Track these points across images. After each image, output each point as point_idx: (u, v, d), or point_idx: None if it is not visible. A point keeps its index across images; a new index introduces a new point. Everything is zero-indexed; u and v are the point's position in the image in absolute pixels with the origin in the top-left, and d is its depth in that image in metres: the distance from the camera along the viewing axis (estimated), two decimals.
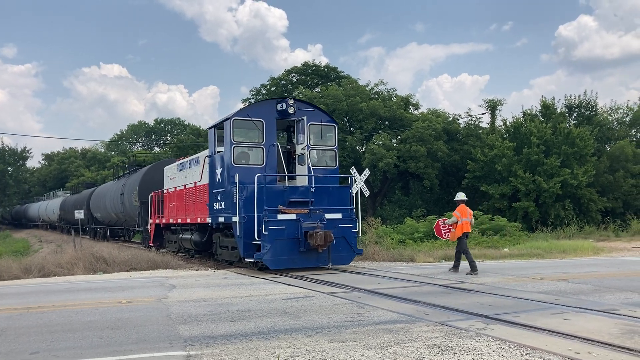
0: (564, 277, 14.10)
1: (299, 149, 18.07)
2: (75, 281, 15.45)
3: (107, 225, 39.42)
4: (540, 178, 36.21)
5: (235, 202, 16.58)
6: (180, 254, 23.97)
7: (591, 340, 7.11)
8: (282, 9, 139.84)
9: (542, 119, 41.16)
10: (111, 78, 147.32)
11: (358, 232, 17.20)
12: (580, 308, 9.44)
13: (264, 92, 52.87)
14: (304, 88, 50.16)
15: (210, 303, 10.64)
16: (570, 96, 44.98)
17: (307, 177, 17.50)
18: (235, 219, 16.44)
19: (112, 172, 46.01)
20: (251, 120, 17.32)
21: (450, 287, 12.43)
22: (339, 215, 16.91)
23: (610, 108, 47.56)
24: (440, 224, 18.78)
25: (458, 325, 8.13)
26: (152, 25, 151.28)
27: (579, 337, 7.25)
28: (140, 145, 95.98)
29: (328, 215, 16.62)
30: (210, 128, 18.83)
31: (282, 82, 53.19)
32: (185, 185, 21.56)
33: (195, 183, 20.22)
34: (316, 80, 53.66)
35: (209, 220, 18.62)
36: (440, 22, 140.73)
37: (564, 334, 7.45)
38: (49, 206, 60.78)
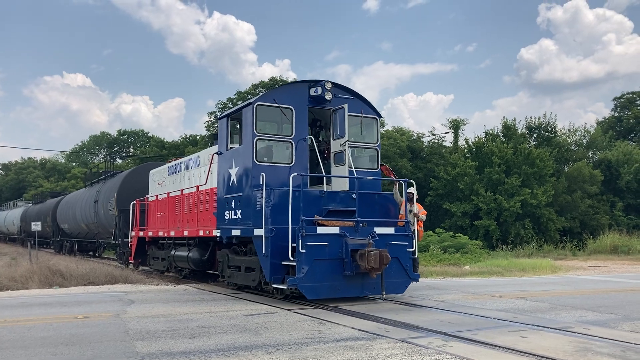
0: (522, 295, 14.17)
1: (335, 145, 13.91)
2: (30, 295, 14.44)
3: (75, 238, 34.35)
4: (501, 197, 37.05)
5: (260, 209, 12.38)
6: (169, 274, 19.43)
7: (546, 358, 7.12)
8: (250, 23, 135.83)
9: (504, 140, 42.51)
10: (74, 87, 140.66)
11: (414, 252, 13.07)
12: (537, 326, 9.47)
13: (230, 105, 52.48)
14: None
15: (170, 319, 10.26)
16: (531, 118, 46.27)
17: (348, 179, 13.40)
18: (259, 231, 12.22)
19: (85, 177, 40.83)
20: (278, 106, 13.14)
21: (411, 305, 12.09)
22: (391, 230, 12.82)
23: (569, 130, 49.22)
24: None
25: (418, 342, 8.08)
26: (117, 35, 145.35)
27: (535, 355, 7.27)
28: (102, 156, 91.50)
29: (378, 230, 12.48)
30: (222, 118, 14.57)
31: (249, 96, 51.62)
32: (182, 191, 17.17)
33: (198, 187, 15.86)
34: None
35: (216, 233, 14.32)
36: (406, 41, 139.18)
37: (520, 352, 7.45)
38: (7, 217, 54.88)
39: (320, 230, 12.00)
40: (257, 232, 12.46)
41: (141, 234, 20.28)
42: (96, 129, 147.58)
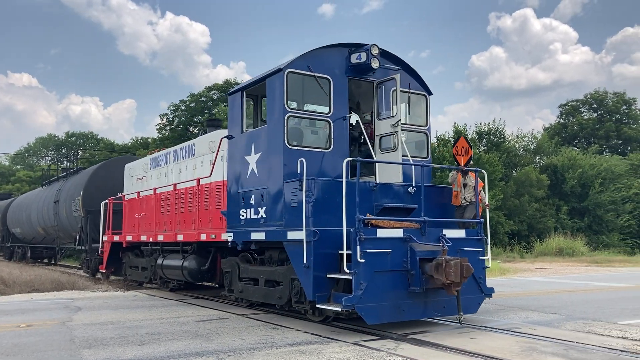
0: None
1: (382, 127, 10.80)
2: None
3: (28, 244, 30.04)
4: None
5: (296, 207, 9.27)
6: (151, 285, 15.91)
7: (494, 358, 7.08)
8: (204, 24, 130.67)
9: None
10: (19, 87, 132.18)
11: (487, 260, 10.07)
12: (485, 327, 9.36)
13: (183, 107, 50.80)
14: (224, 106, 46.22)
15: (118, 326, 9.74)
16: (481, 123, 45.50)
17: (401, 170, 10.33)
18: (297, 235, 9.11)
19: (42, 175, 36.27)
20: (314, 75, 9.98)
21: None
22: (461, 233, 9.81)
23: (517, 136, 48.97)
24: None
25: (370, 345, 7.92)
26: (66, 34, 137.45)
27: (483, 355, 7.22)
28: (50, 159, 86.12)
29: (448, 233, 9.46)
30: (234, 93, 11.30)
31: (202, 98, 50.68)
32: (175, 186, 13.71)
33: (199, 181, 12.49)
34: None
35: (226, 237, 11.04)
36: None
37: (469, 352, 7.38)
38: None
39: (381, 233, 8.89)
40: (292, 235, 9.29)
41: (116, 238, 16.68)
42: (43, 130, 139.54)
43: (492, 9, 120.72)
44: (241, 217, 10.76)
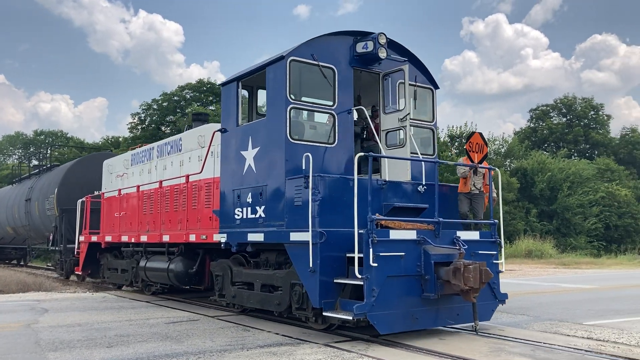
0: None
1: (388, 122, 9.98)
2: None
3: None
4: None
5: (301, 205, 8.39)
6: (131, 288, 14.83)
7: (463, 359, 7.03)
8: (178, 23, 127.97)
9: None
10: None
11: (501, 264, 9.32)
12: (454, 328, 9.13)
13: (155, 107, 49.47)
14: (197, 105, 46.99)
15: (86, 328, 9.40)
16: (453, 127, 45.43)
17: (410, 167, 9.51)
18: (301, 236, 8.23)
19: (9, 174, 34.54)
20: (318, 65, 9.11)
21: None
22: (475, 235, 9.03)
23: (488, 139, 48.33)
24: None
25: (341, 346, 7.74)
26: (35, 30, 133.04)
27: (452, 356, 7.15)
28: (17, 157, 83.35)
29: (463, 235, 8.68)
30: (228, 83, 10.33)
31: (175, 97, 49.57)
32: (160, 183, 12.68)
33: (188, 178, 11.48)
34: (211, 98, 49.31)
35: (219, 238, 10.09)
36: None
37: (439, 353, 7.30)
38: None
39: (395, 235, 8.06)
40: (295, 236, 8.40)
41: (94, 238, 15.53)
42: (10, 128, 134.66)
43: (465, 14, 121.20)
44: (236, 216, 9.82)
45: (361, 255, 7.72)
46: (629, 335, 8.50)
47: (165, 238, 11.97)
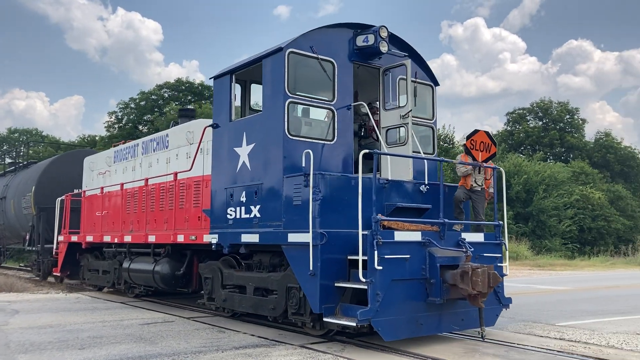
0: None
1: (389, 119, 9.51)
2: None
3: None
4: None
5: (300, 205, 7.92)
6: (112, 290, 14.15)
7: (437, 359, 7.02)
8: (157, 21, 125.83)
9: None
10: None
11: (505, 267, 8.90)
12: None
13: (132, 105, 48.79)
14: (175, 104, 45.92)
15: (58, 329, 9.12)
16: None
17: (412, 166, 9.04)
18: (300, 237, 7.73)
19: None
20: (317, 58, 8.61)
21: None
22: (479, 237, 8.59)
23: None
24: None
25: (317, 348, 7.66)
26: (9, 25, 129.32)
27: (427, 357, 7.13)
28: None
29: (468, 237, 8.26)
30: (221, 76, 9.75)
31: (153, 96, 48.85)
32: (146, 181, 12.03)
33: (176, 175, 10.87)
34: (189, 97, 48.86)
35: (210, 239, 9.51)
36: None
37: (414, 354, 7.26)
38: None
39: (399, 236, 7.58)
40: (294, 237, 7.89)
41: (74, 238, 14.80)
42: None
43: (444, 17, 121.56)
44: (229, 216, 9.26)
45: (365, 257, 7.25)
46: (599, 336, 8.62)
47: (151, 238, 11.34)
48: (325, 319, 7.60)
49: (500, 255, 8.67)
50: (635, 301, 13.56)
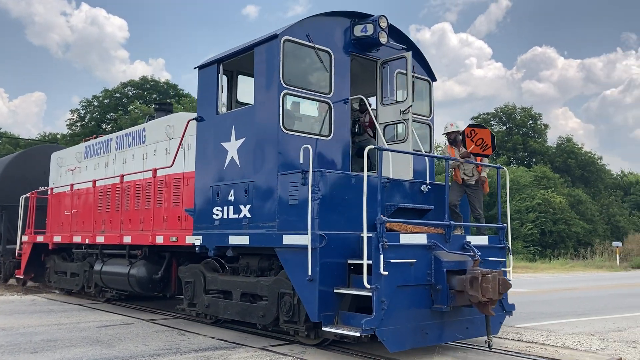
0: None
1: (387, 114, 8.88)
2: None
3: None
4: None
5: (297, 204, 7.26)
6: (80, 294, 13.16)
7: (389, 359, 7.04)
8: (123, 18, 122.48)
9: None
10: None
11: (509, 272, 8.36)
12: None
13: (95, 103, 47.99)
14: (140, 103, 45.30)
15: (10, 333, 8.74)
16: None
17: (412, 164, 8.44)
18: (297, 239, 7.05)
19: None
20: (314, 47, 7.93)
21: None
22: (484, 240, 8.04)
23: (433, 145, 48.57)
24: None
25: (278, 350, 7.52)
26: None
27: (381, 357, 7.06)
28: None
29: (473, 241, 7.70)
30: (207, 66, 8.97)
31: (117, 94, 48.18)
32: (122, 177, 11.12)
33: (155, 172, 10.03)
34: (154, 96, 48.27)
35: (193, 241, 8.73)
36: None
37: (376, 356, 7.14)
38: None
39: (405, 239, 6.95)
40: (290, 240, 7.18)
41: (40, 239, 13.75)
42: None
43: (412, 22, 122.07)
44: (214, 216, 8.49)
45: (370, 262, 6.59)
46: (556, 337, 8.72)
47: (127, 239, 10.46)
48: (324, 328, 6.91)
49: (504, 259, 8.13)
50: (591, 303, 13.75)
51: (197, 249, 8.69)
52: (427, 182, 8.32)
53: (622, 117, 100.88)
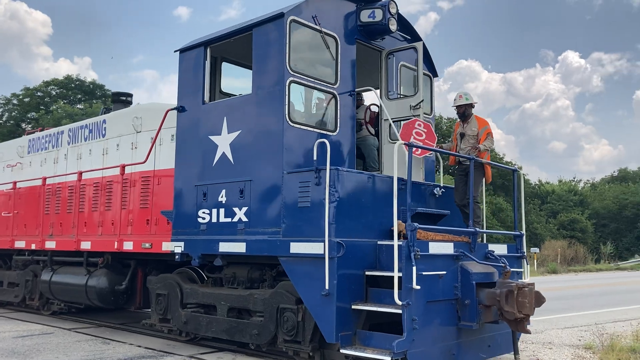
0: None
1: (393, 109, 7.90)
2: None
3: None
4: None
5: (308, 207, 6.20)
6: (21, 308, 11.42)
7: None
8: (46, 14, 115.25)
9: None
10: None
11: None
12: None
13: (15, 102, 44.19)
14: (64, 103, 42.73)
15: None
16: None
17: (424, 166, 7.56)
18: (310, 248, 6.00)
19: None
20: (320, 31, 6.89)
21: None
22: (503, 249, 7.24)
23: None
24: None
25: (206, 358, 7.27)
26: None
27: None
28: None
29: (496, 250, 6.91)
30: (191, 48, 7.71)
31: (39, 93, 44.72)
32: (80, 175, 9.57)
33: (124, 168, 8.59)
34: (79, 96, 45.66)
35: (173, 248, 7.43)
36: None
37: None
38: None
39: (434, 248, 6.01)
40: (299, 248, 6.10)
41: None
42: None
43: None
44: (200, 220, 7.25)
45: (401, 274, 5.61)
46: None
47: (85, 245, 8.95)
48: (343, 351, 5.86)
49: (522, 270, 7.35)
50: None
51: (177, 257, 7.41)
52: (442, 184, 7.44)
53: (540, 130, 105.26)
